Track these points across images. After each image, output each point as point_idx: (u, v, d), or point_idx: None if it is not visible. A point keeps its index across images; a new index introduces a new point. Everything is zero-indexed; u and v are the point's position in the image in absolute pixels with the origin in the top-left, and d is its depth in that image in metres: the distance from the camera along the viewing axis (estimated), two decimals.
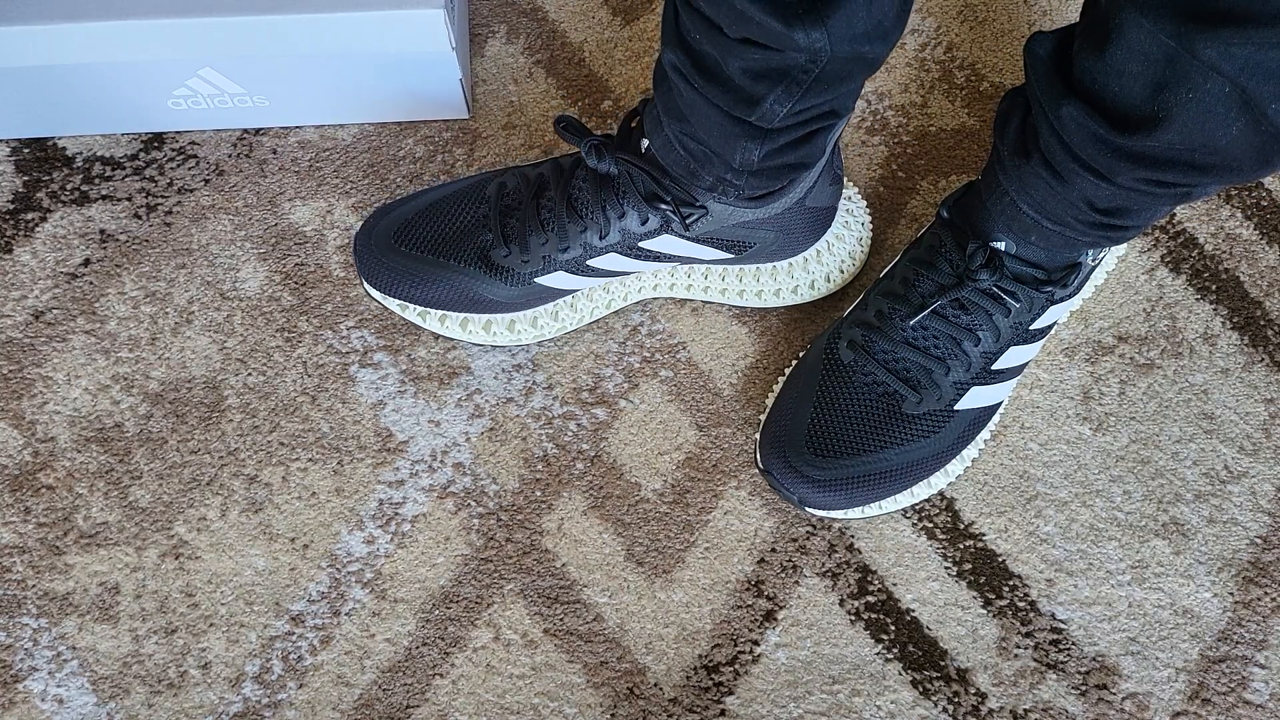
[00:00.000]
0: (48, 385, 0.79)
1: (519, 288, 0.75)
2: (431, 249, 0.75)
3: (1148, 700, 0.73)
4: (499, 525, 0.76)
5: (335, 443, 0.78)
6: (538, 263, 0.74)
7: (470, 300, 0.75)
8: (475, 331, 0.77)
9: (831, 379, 0.73)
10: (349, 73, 0.80)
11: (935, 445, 0.73)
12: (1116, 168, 0.60)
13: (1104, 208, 0.64)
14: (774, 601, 0.75)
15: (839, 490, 0.71)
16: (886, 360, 0.72)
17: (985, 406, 0.74)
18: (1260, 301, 0.82)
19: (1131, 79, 0.56)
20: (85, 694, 0.73)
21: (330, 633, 0.74)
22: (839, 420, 0.72)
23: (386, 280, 0.75)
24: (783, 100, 0.59)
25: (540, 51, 0.88)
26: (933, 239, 0.73)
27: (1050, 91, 0.61)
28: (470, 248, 0.75)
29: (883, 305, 0.73)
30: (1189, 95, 0.54)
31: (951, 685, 0.73)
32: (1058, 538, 0.76)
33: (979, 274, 0.69)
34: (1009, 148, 0.66)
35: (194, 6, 0.74)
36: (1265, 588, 0.75)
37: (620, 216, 0.72)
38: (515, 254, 0.74)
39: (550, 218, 0.73)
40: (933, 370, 0.72)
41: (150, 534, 0.76)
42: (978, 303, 0.71)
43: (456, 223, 0.75)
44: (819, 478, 0.71)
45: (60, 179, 0.84)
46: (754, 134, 0.63)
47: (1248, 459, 0.78)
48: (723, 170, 0.67)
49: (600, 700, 0.73)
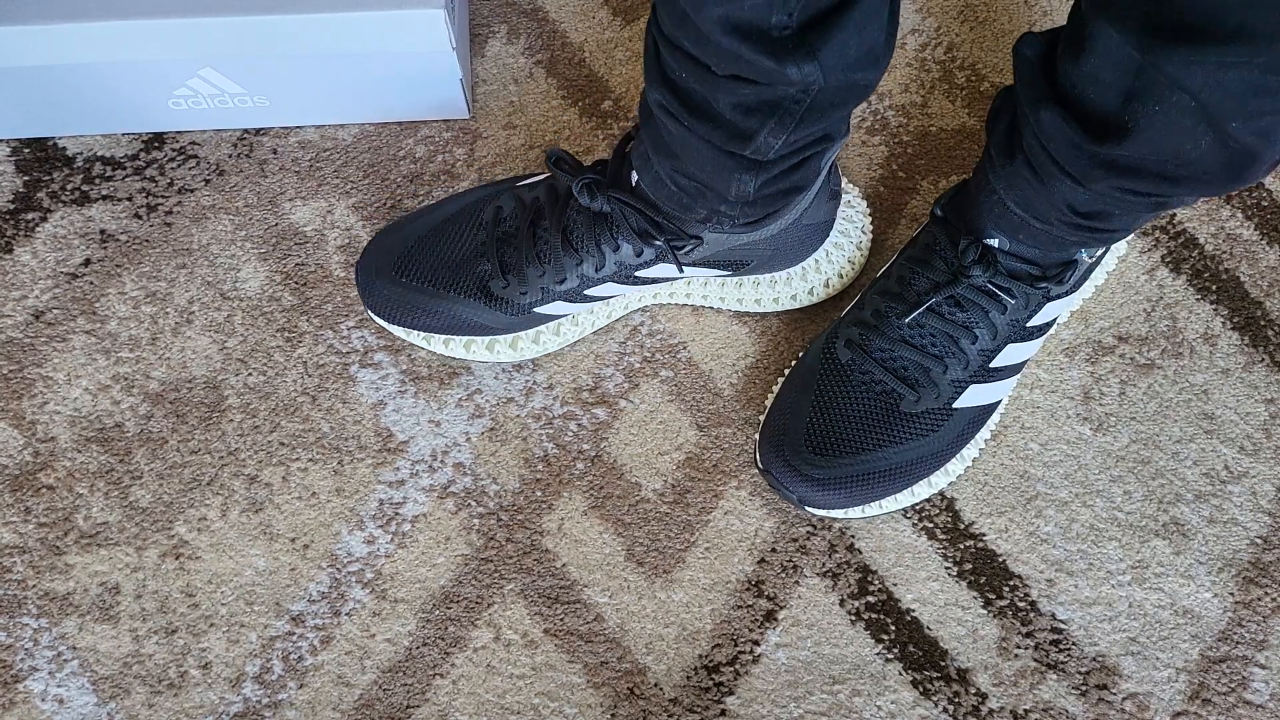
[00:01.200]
0: (48, 385, 0.79)
1: (518, 316, 0.75)
2: (431, 280, 0.75)
3: (1148, 700, 0.73)
4: (499, 525, 0.76)
5: (335, 443, 0.78)
6: (535, 294, 0.74)
7: (471, 327, 0.76)
8: (478, 351, 0.77)
9: (829, 379, 0.73)
10: (349, 73, 0.80)
11: (934, 444, 0.73)
12: (1091, 174, 0.60)
13: (1084, 211, 0.64)
14: (774, 601, 0.75)
15: (839, 489, 0.71)
16: (884, 359, 0.72)
17: (984, 405, 0.74)
18: (1260, 301, 0.82)
19: (1105, 87, 0.56)
20: (85, 694, 0.73)
21: (330, 633, 0.74)
22: (838, 420, 0.72)
23: (389, 310, 0.76)
24: (776, 133, 0.58)
25: (540, 51, 0.88)
26: (928, 237, 0.73)
27: (1032, 94, 0.61)
28: (469, 278, 0.75)
29: (879, 304, 0.73)
30: (1156, 108, 0.54)
31: (952, 685, 0.73)
32: (1058, 538, 0.76)
33: (972, 270, 0.69)
34: (997, 147, 0.66)
35: (194, 6, 0.74)
36: (1265, 588, 0.75)
37: (615, 250, 0.72)
38: (513, 285, 0.74)
39: (546, 250, 0.73)
40: (930, 368, 0.72)
41: (150, 534, 0.76)
42: (973, 300, 0.71)
43: (455, 251, 0.75)
44: (818, 477, 0.71)
45: (60, 179, 0.84)
46: (748, 166, 0.62)
47: (1248, 459, 0.78)
48: (716, 203, 0.66)
49: (600, 700, 0.73)
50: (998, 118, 0.67)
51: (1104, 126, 0.57)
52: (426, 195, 0.84)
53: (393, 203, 0.83)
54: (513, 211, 0.75)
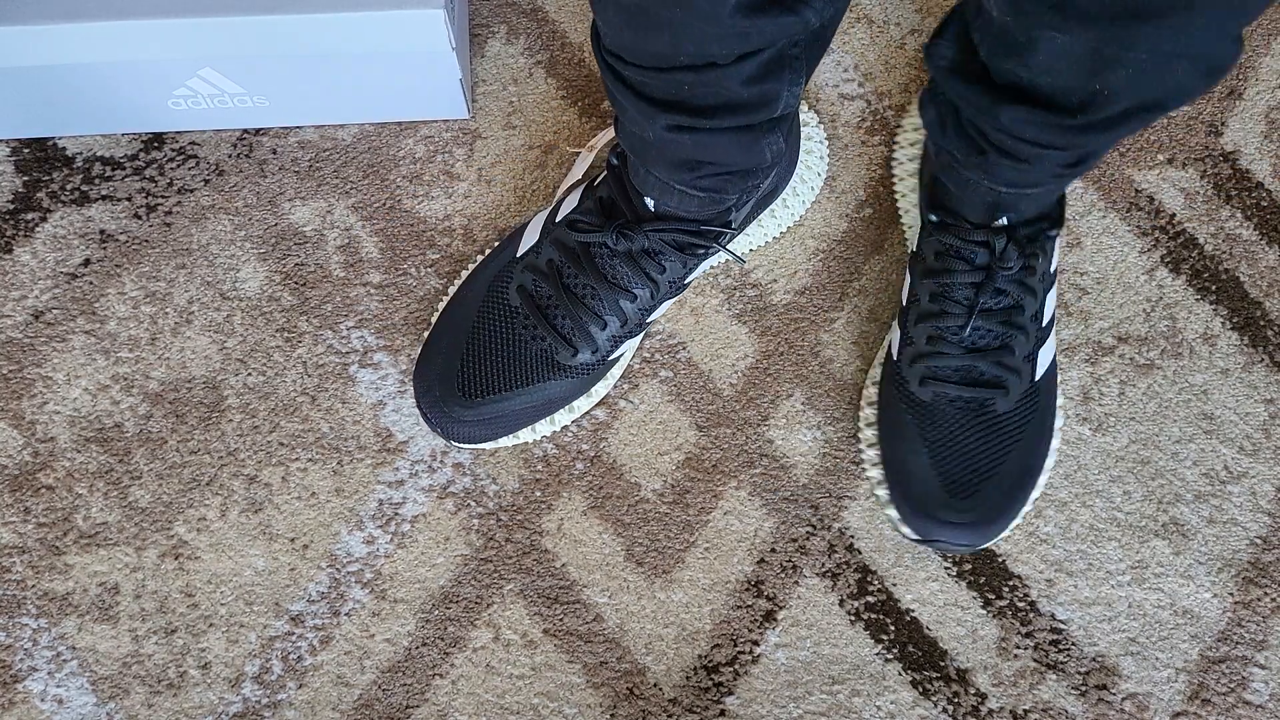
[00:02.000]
0: (48, 385, 0.79)
1: (593, 373, 0.75)
2: (501, 387, 0.73)
3: (1147, 700, 0.73)
4: (499, 525, 0.76)
5: (335, 443, 0.78)
6: (607, 345, 0.74)
7: (552, 403, 0.75)
8: (562, 419, 0.76)
9: (929, 424, 0.72)
10: (349, 73, 0.80)
11: (1039, 426, 0.73)
12: (1078, 140, 0.60)
13: (1073, 160, 0.63)
14: (774, 602, 0.75)
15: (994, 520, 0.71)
16: (963, 377, 0.72)
17: (1051, 362, 0.74)
18: (1260, 302, 0.82)
19: (1061, 74, 0.55)
20: (85, 694, 0.73)
21: (330, 633, 0.74)
22: (962, 452, 0.72)
23: (478, 435, 0.74)
24: (794, 81, 0.59)
25: (540, 52, 0.88)
26: (936, 245, 0.72)
27: (980, 101, 0.60)
28: (533, 364, 0.73)
29: (929, 330, 0.72)
30: (1126, 71, 0.53)
31: (951, 685, 0.73)
32: (1058, 538, 0.76)
33: (1006, 256, 0.69)
34: (960, 149, 0.66)
35: (194, 6, 0.74)
36: (1265, 588, 0.75)
37: (662, 272, 0.72)
38: (583, 349, 0.73)
39: (598, 304, 0.72)
40: (1004, 360, 0.71)
41: (150, 534, 0.76)
42: (1019, 280, 0.71)
43: (504, 348, 0.74)
44: (958, 521, 0.71)
45: (60, 179, 0.84)
46: (775, 124, 0.62)
47: (1248, 459, 0.78)
48: (750, 179, 0.67)
49: (600, 700, 0.73)
50: (942, 125, 0.66)
51: (1077, 101, 0.57)
52: (425, 195, 0.84)
53: (392, 203, 0.83)
54: (534, 284, 0.74)
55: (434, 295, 0.81)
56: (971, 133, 0.64)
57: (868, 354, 0.80)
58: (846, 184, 0.84)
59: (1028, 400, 0.72)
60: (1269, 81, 0.87)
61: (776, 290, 0.82)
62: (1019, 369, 0.72)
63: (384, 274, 0.82)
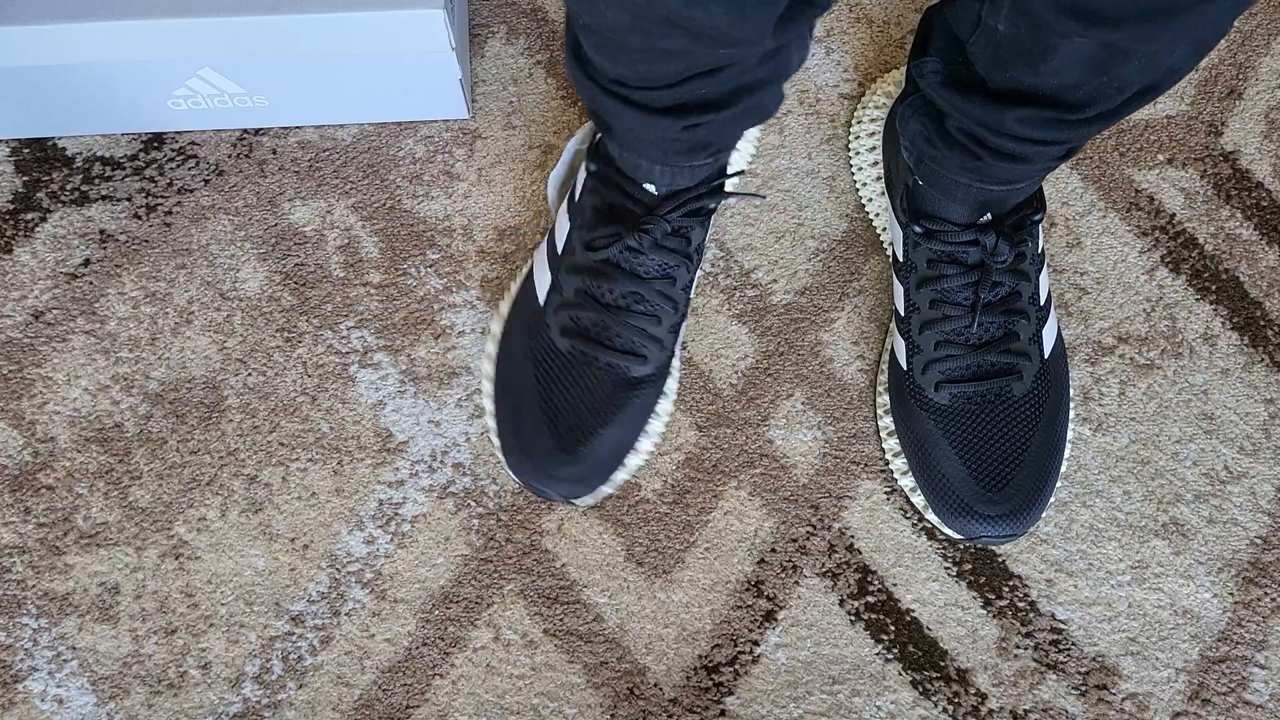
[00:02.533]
0: (48, 385, 0.79)
1: (660, 375, 0.74)
2: (593, 426, 0.72)
3: (1148, 701, 0.73)
4: (499, 525, 0.76)
5: (335, 443, 0.78)
6: (670, 340, 0.73)
7: (638, 419, 0.74)
8: (656, 428, 0.76)
9: (952, 426, 0.73)
10: (349, 73, 0.80)
11: (1055, 402, 0.73)
12: (1086, 131, 0.60)
13: (1069, 151, 0.64)
14: (774, 602, 0.75)
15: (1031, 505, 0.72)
16: (977, 372, 0.72)
17: (1056, 339, 0.75)
18: (1260, 302, 0.82)
19: (1070, 74, 0.55)
20: (85, 694, 0.73)
21: (330, 633, 0.74)
22: (989, 445, 0.72)
23: (592, 481, 0.73)
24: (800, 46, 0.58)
25: (540, 52, 0.88)
26: (927, 254, 0.72)
27: (980, 110, 0.60)
28: (611, 390, 0.72)
29: (936, 335, 0.72)
30: (1137, 63, 0.54)
31: (951, 685, 0.73)
32: (1058, 538, 0.76)
33: (998, 251, 0.69)
34: (952, 157, 0.66)
35: (194, 6, 0.74)
36: (1265, 588, 0.75)
37: (689, 244, 0.72)
38: (653, 356, 0.72)
39: (648, 304, 0.71)
40: (1011, 345, 0.72)
41: (150, 534, 0.76)
42: (1013, 268, 0.71)
43: (579, 391, 0.72)
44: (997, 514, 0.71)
45: (60, 179, 0.84)
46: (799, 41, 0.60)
47: (1248, 459, 0.78)
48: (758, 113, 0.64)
49: (600, 700, 0.73)
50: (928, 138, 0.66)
51: (1083, 96, 0.57)
52: (426, 195, 0.84)
53: (392, 203, 0.83)
54: (575, 319, 0.72)
55: (434, 295, 0.81)
56: (962, 139, 0.64)
57: (868, 354, 0.80)
58: (846, 184, 0.84)
59: (1040, 380, 0.73)
60: (1269, 81, 0.87)
61: (776, 290, 0.82)
62: (1028, 352, 0.72)
63: (384, 274, 0.82)
